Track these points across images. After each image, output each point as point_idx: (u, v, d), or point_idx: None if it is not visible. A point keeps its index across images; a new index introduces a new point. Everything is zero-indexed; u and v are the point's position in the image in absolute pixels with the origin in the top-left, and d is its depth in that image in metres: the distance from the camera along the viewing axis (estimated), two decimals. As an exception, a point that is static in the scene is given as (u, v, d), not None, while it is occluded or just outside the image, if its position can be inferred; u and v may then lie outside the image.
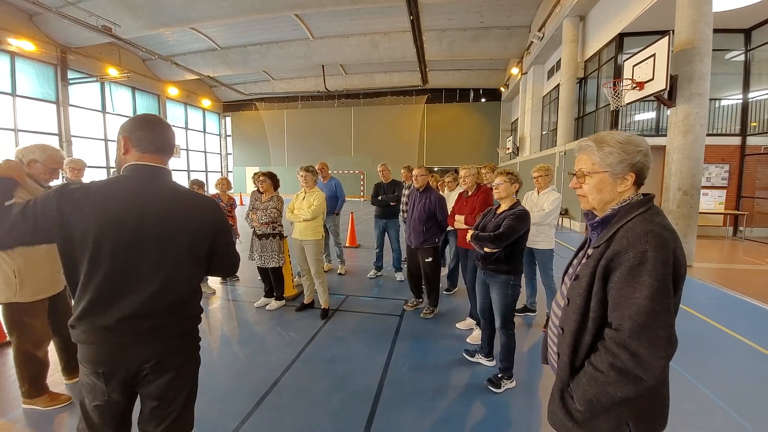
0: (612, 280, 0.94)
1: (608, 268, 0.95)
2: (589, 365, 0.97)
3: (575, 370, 1.02)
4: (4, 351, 2.85)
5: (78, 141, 15.42)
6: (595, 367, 0.94)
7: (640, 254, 0.89)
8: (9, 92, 13.02)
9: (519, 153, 16.81)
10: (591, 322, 0.99)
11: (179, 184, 1.28)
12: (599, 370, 0.93)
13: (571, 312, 1.04)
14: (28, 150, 2.09)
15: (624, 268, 0.91)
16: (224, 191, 4.57)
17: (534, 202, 3.55)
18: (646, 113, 9.31)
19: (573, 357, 1.02)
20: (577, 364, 1.02)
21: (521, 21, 13.82)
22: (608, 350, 0.92)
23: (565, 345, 1.04)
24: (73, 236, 1.09)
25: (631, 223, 0.97)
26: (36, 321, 2.15)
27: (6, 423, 2.09)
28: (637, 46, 7.22)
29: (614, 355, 0.90)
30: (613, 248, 0.95)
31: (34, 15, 13.14)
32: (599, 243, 1.01)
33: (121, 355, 1.15)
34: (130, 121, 1.22)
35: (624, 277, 0.91)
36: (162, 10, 12.27)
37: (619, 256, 0.92)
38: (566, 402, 1.05)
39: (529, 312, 3.75)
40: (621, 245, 0.93)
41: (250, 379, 2.54)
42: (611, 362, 0.91)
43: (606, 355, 0.92)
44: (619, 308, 0.91)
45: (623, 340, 0.89)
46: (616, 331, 0.92)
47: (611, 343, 0.92)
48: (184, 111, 22.09)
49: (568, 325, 1.04)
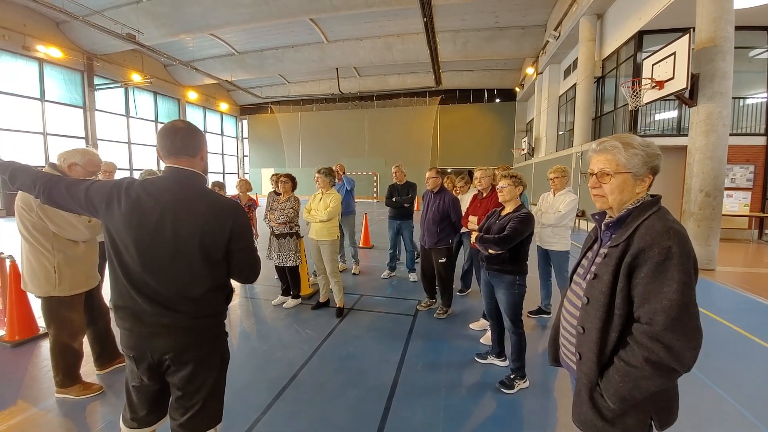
0: (638, 277, 0.96)
1: (632, 265, 0.98)
2: (620, 361, 0.98)
3: (603, 368, 1.03)
4: (38, 343, 3.03)
5: (103, 144, 16.06)
6: (628, 362, 0.95)
7: (666, 250, 0.93)
8: (38, 97, 13.69)
9: (534, 154, 16.59)
10: (617, 319, 1.01)
11: (206, 187, 1.35)
12: (633, 365, 0.94)
13: (593, 310, 1.05)
14: (69, 154, 2.23)
15: (651, 264, 0.94)
16: (244, 192, 4.72)
17: (550, 204, 3.54)
18: (667, 112, 9.08)
19: (600, 355, 1.03)
20: (604, 361, 1.03)
21: (536, 20, 13.67)
22: (641, 345, 0.94)
23: (591, 343, 1.05)
24: (113, 222, 1.23)
25: (649, 221, 1.00)
26: (73, 314, 2.29)
27: None
28: (657, 44, 7.08)
29: (648, 349, 0.92)
30: (637, 245, 0.97)
31: (61, 23, 13.79)
32: (617, 242, 1.04)
33: (146, 343, 1.25)
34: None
35: (651, 273, 0.94)
36: (183, 17, 12.68)
37: (644, 253, 0.95)
38: (596, 401, 1.04)
39: (544, 314, 3.73)
40: (645, 242, 0.96)
41: (269, 374, 2.64)
42: (646, 356, 0.92)
43: (639, 349, 0.94)
44: (649, 303, 0.94)
45: (657, 333, 0.91)
46: (648, 326, 0.93)
47: (644, 338, 0.93)
48: (203, 114, 22.71)
49: (592, 324, 1.05)
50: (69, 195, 1.29)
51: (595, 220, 1.21)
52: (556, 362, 1.33)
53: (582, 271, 1.19)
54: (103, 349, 2.59)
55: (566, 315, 1.22)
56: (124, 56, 16.22)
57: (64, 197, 1.30)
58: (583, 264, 1.22)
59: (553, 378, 2.63)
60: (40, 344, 3.01)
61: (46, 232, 2.14)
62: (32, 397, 2.33)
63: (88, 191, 1.27)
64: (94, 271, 2.40)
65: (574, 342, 1.14)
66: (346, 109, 23.61)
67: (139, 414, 1.35)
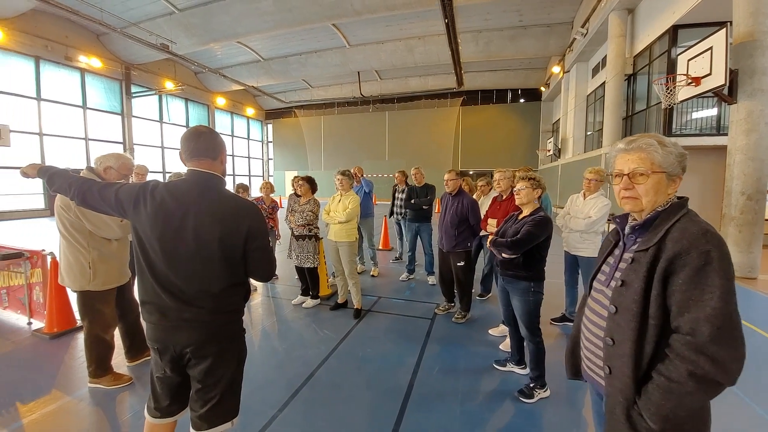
0: (675, 283, 0.89)
1: (668, 271, 0.91)
2: (661, 376, 0.89)
3: (639, 383, 0.94)
4: (75, 335, 3.22)
5: (138, 148, 16.98)
6: (669, 377, 0.87)
7: (704, 254, 0.86)
8: (80, 105, 14.67)
9: (560, 155, 16.07)
10: (652, 329, 0.93)
11: (226, 188, 1.42)
12: (675, 381, 0.86)
13: (623, 320, 0.97)
14: (105, 158, 2.38)
15: (689, 270, 0.87)
16: (268, 194, 4.85)
17: (579, 208, 3.36)
18: (705, 110, 8.56)
19: (636, 370, 0.94)
20: (640, 376, 0.94)
21: (563, 18, 13.28)
22: (684, 357, 0.86)
23: (624, 357, 0.96)
24: (140, 222, 1.31)
25: (681, 224, 0.94)
26: (105, 308, 2.43)
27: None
28: (693, 38, 6.69)
29: (693, 363, 0.84)
30: (672, 250, 0.90)
31: (101, 35, 14.73)
32: (646, 246, 0.97)
33: (169, 337, 1.32)
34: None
35: (690, 279, 0.87)
36: (213, 27, 13.24)
37: (681, 258, 0.89)
38: (634, 421, 0.94)
39: (568, 321, 3.59)
40: (681, 246, 0.89)
41: (287, 372, 2.69)
42: (690, 370, 0.84)
43: (682, 362, 0.86)
44: (689, 312, 0.86)
45: (701, 345, 0.84)
46: (690, 337, 0.86)
47: (686, 350, 0.86)
48: (230, 119, 23.56)
49: (624, 335, 0.97)
50: (101, 197, 1.39)
51: (616, 223, 1.14)
52: (575, 375, 1.25)
53: (604, 278, 1.12)
54: (132, 342, 2.72)
55: (589, 325, 1.14)
56: (158, 65, 17.10)
57: (96, 200, 1.40)
58: (604, 270, 1.14)
59: (575, 388, 2.53)
60: (76, 336, 3.20)
61: (82, 230, 2.29)
62: (66, 386, 2.47)
63: (117, 193, 1.36)
64: (125, 268, 2.54)
65: (600, 354, 1.06)
66: (368, 112, 23.80)
67: (162, 404, 1.43)
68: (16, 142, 12.16)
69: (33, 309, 3.47)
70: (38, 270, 3.44)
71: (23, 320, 3.49)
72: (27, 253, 3.45)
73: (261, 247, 1.40)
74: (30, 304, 3.46)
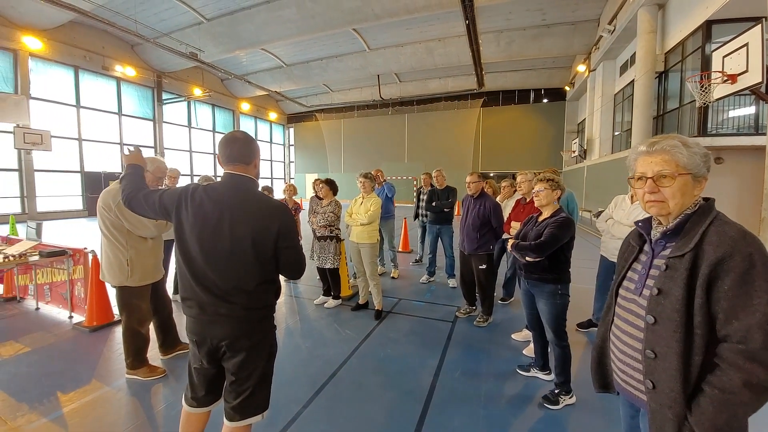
0: (719, 290, 0.86)
1: (711, 277, 0.87)
2: (713, 389, 0.85)
3: (689, 398, 0.90)
4: (112, 329, 3.40)
5: (168, 152, 17.74)
6: (722, 389, 0.84)
7: (748, 257, 0.84)
8: (116, 112, 15.51)
9: (586, 156, 15.58)
10: (698, 339, 0.89)
11: (258, 191, 1.49)
12: (729, 392, 0.83)
13: (666, 332, 0.93)
14: None
15: (734, 275, 0.84)
16: (291, 197, 4.98)
17: (627, 212, 3.06)
18: (743, 108, 8.10)
19: (685, 384, 0.90)
20: (690, 390, 0.90)
21: (588, 15, 12.92)
22: (737, 367, 0.82)
23: (671, 371, 0.91)
24: (181, 224, 1.39)
25: (716, 226, 0.91)
26: (142, 302, 2.56)
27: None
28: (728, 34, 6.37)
29: (748, 372, 0.81)
30: (714, 254, 0.87)
31: (135, 45, 15.54)
32: (682, 251, 0.93)
33: (207, 330, 1.39)
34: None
35: (736, 284, 0.84)
36: (239, 35, 13.71)
37: (725, 263, 0.86)
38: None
39: (594, 327, 3.48)
40: (724, 251, 0.86)
41: (310, 370, 2.75)
42: (746, 379, 0.81)
43: (736, 372, 0.82)
44: (738, 319, 0.83)
45: (756, 352, 0.81)
46: (742, 345, 0.83)
47: (740, 359, 0.82)
48: (254, 124, 24.26)
49: (668, 347, 0.92)
50: (145, 203, 1.50)
51: (639, 228, 1.10)
52: (604, 388, 1.21)
53: (633, 286, 1.08)
54: (166, 336, 2.86)
55: (622, 335, 1.09)
56: (187, 73, 17.85)
57: (140, 205, 1.52)
58: (631, 278, 1.10)
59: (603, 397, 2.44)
60: (114, 330, 3.38)
61: (121, 229, 2.43)
62: (105, 377, 2.62)
63: (161, 198, 1.46)
64: (160, 265, 2.67)
65: (637, 367, 1.02)
66: (387, 115, 23.90)
67: (198, 394, 1.51)
68: (57, 147, 13.00)
69: (74, 303, 3.70)
70: (80, 267, 3.67)
71: (65, 314, 3.72)
72: (70, 251, 3.68)
73: (291, 246, 1.45)
74: (71, 299, 3.69)
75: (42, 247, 3.77)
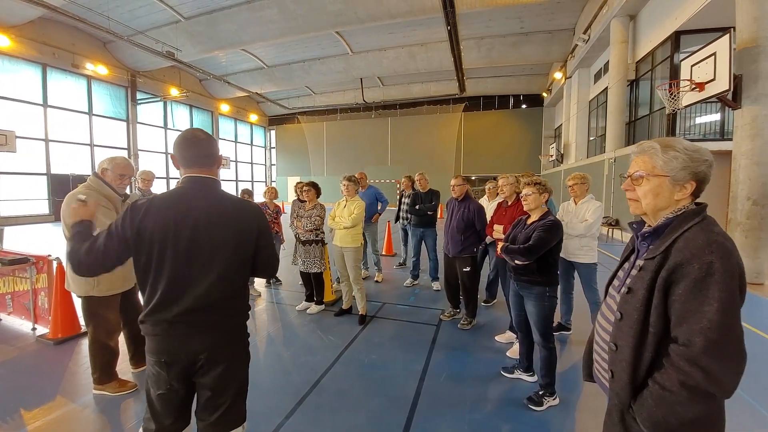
0: (675, 293, 0.89)
1: (669, 281, 0.91)
2: (655, 384, 0.91)
3: (636, 389, 0.97)
4: (79, 341, 3.20)
5: (143, 154, 17.10)
6: (663, 386, 0.89)
7: (707, 265, 0.86)
8: (86, 111, 14.83)
9: (563, 160, 16.07)
10: (651, 338, 0.94)
11: (225, 191, 1.42)
12: (668, 390, 0.88)
13: (626, 327, 0.99)
14: (102, 162, 2.40)
15: (689, 281, 0.87)
16: (271, 200, 4.85)
17: (573, 213, 3.34)
18: (709, 115, 8.55)
19: (633, 375, 0.97)
20: (638, 382, 0.97)
21: (564, 24, 13.40)
22: (678, 368, 0.87)
23: (623, 362, 0.99)
24: (143, 245, 1.26)
25: (690, 233, 0.93)
26: (109, 313, 2.42)
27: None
28: (695, 44, 6.73)
29: (685, 373, 0.86)
30: (674, 259, 0.91)
31: (107, 42, 14.93)
32: (654, 254, 0.97)
33: (180, 345, 1.28)
34: (175, 140, 1.37)
35: (689, 290, 0.86)
36: (218, 35, 13.41)
37: (682, 268, 0.88)
38: (628, 424, 1.00)
39: (564, 331, 3.50)
40: (683, 256, 0.89)
41: (293, 378, 2.66)
42: (682, 380, 0.86)
43: (676, 372, 0.88)
44: (686, 322, 0.87)
45: (695, 356, 0.85)
46: (685, 347, 0.87)
47: (680, 360, 0.87)
48: (234, 126, 23.73)
49: (625, 341, 0.99)
50: (104, 252, 1.23)
51: (632, 229, 1.14)
52: (590, 377, 1.26)
53: (617, 284, 1.13)
54: (137, 349, 2.70)
55: (599, 330, 1.16)
56: (164, 72, 17.30)
57: (97, 258, 1.23)
58: (619, 276, 1.15)
59: (583, 395, 2.49)
60: (80, 342, 3.18)
61: (88, 236, 2.28)
62: (71, 392, 2.45)
63: (116, 229, 1.25)
64: (130, 274, 2.50)
65: (607, 358, 1.08)
66: (370, 118, 23.92)
67: (164, 423, 1.33)
68: (22, 148, 12.29)
69: (38, 314, 3.47)
70: (44, 275, 3.44)
71: (27, 326, 3.48)
72: (33, 259, 3.45)
73: (270, 244, 1.46)
74: (35, 310, 3.46)
75: (3, 254, 3.52)
